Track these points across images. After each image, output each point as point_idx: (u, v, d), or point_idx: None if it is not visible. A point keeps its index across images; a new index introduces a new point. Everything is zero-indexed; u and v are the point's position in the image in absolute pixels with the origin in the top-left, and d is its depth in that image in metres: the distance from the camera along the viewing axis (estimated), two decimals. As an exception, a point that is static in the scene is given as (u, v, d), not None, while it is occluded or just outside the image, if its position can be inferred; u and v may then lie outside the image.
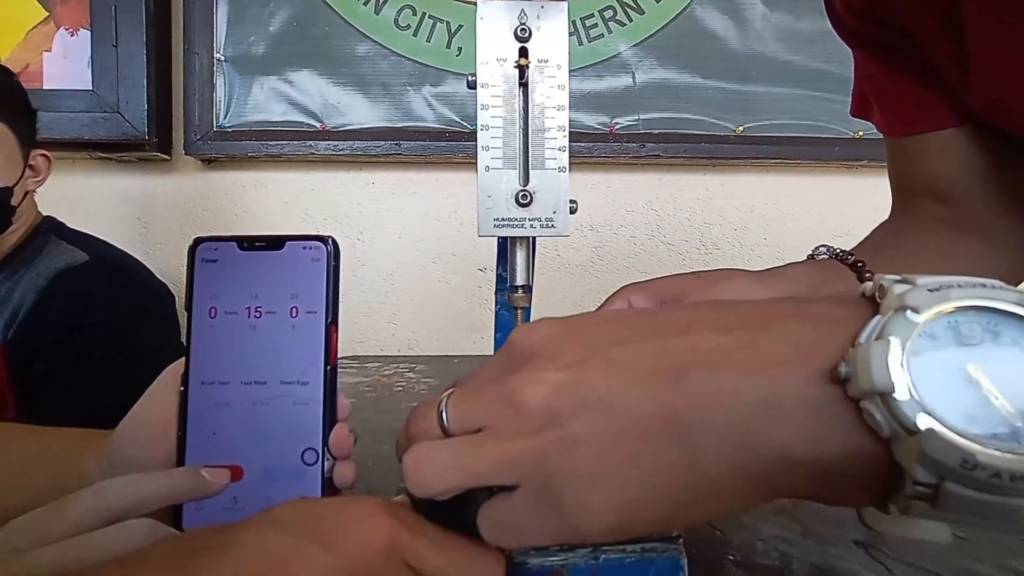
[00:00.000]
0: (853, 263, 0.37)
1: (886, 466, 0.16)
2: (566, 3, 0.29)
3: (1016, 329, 0.16)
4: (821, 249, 0.40)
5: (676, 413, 0.17)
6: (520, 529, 0.19)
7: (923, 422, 0.15)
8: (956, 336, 0.16)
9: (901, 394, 0.15)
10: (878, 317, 0.16)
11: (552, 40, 0.29)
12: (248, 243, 0.29)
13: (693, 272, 0.35)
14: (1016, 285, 0.47)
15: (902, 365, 0.15)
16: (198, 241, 0.29)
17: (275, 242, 0.29)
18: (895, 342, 0.15)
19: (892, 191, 0.48)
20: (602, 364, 0.18)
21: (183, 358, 0.29)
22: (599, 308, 0.35)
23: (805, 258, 0.40)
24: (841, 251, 0.39)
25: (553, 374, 0.19)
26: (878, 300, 0.17)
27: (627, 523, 0.18)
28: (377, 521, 0.20)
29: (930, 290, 0.16)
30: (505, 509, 0.19)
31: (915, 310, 0.16)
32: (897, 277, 0.17)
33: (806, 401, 0.16)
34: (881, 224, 0.46)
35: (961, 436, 0.14)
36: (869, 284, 0.18)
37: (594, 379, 0.18)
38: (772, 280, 0.34)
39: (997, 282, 0.16)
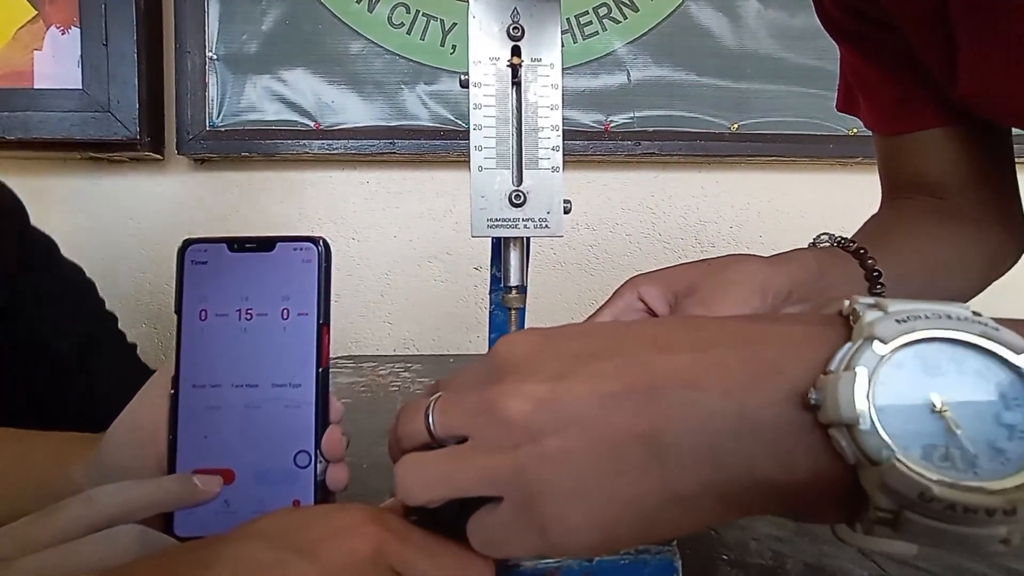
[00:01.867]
0: (856, 250, 0.38)
1: (852, 489, 0.16)
2: (559, 2, 0.29)
3: (979, 360, 0.16)
4: (823, 237, 0.41)
5: (651, 430, 0.17)
6: (504, 542, 0.19)
7: (884, 455, 0.15)
8: (922, 365, 0.16)
9: (865, 425, 0.16)
10: (848, 344, 0.17)
11: (545, 39, 0.29)
12: (238, 244, 0.29)
13: (703, 260, 0.35)
14: (1004, 268, 0.48)
15: (868, 397, 0.16)
16: (187, 243, 0.29)
17: (265, 243, 0.29)
18: (862, 373, 0.16)
19: (881, 184, 0.49)
20: (580, 379, 0.19)
21: (173, 361, 0.29)
22: (609, 300, 0.36)
23: (807, 246, 0.40)
24: (842, 238, 0.40)
25: (532, 387, 0.19)
26: (851, 323, 0.18)
27: (606, 540, 0.18)
28: (363, 530, 0.20)
29: (898, 320, 0.17)
30: (490, 522, 0.19)
31: (882, 340, 0.16)
32: (870, 301, 0.18)
33: (777, 423, 0.17)
34: (873, 216, 0.47)
35: (920, 470, 0.15)
36: (846, 303, 0.18)
37: (571, 394, 0.18)
38: (781, 264, 0.34)
39: (964, 311, 0.17)
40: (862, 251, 0.38)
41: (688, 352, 0.18)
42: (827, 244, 0.40)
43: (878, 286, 0.38)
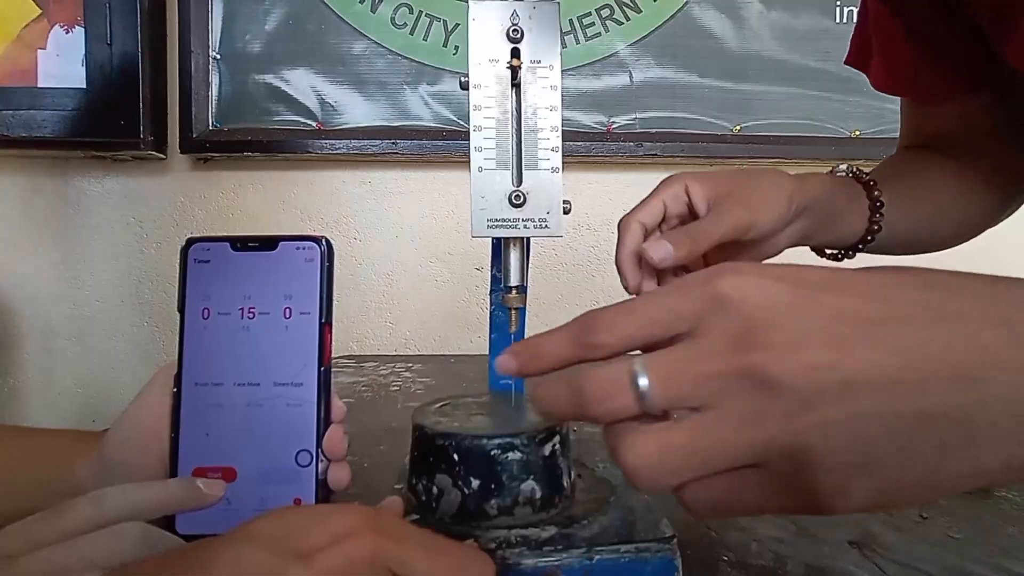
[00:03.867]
0: (867, 182, 0.43)
1: None
2: (558, 4, 0.29)
3: None
4: (841, 167, 0.45)
5: (962, 410, 0.17)
6: (742, 505, 0.18)
7: None
8: None
9: None
10: None
11: (544, 41, 0.29)
12: (241, 243, 0.29)
13: (740, 168, 0.40)
14: (1002, 218, 0.49)
15: None
16: (191, 242, 0.29)
17: (268, 242, 0.29)
18: None
19: (900, 140, 0.53)
20: (864, 347, 0.17)
21: (176, 359, 0.29)
22: (658, 188, 0.39)
23: (829, 171, 0.45)
24: (858, 169, 0.44)
25: (808, 353, 0.17)
26: None
27: (882, 507, 0.18)
28: (360, 534, 0.20)
29: None
30: (727, 486, 0.18)
31: None
32: None
33: None
34: (888, 158, 0.51)
35: None
36: None
37: (858, 363, 0.17)
38: (804, 183, 0.39)
39: None
40: (872, 183, 0.43)
41: (989, 327, 0.17)
42: (843, 174, 0.44)
43: (878, 215, 0.42)
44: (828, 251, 0.46)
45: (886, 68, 0.49)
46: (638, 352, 0.19)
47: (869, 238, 0.43)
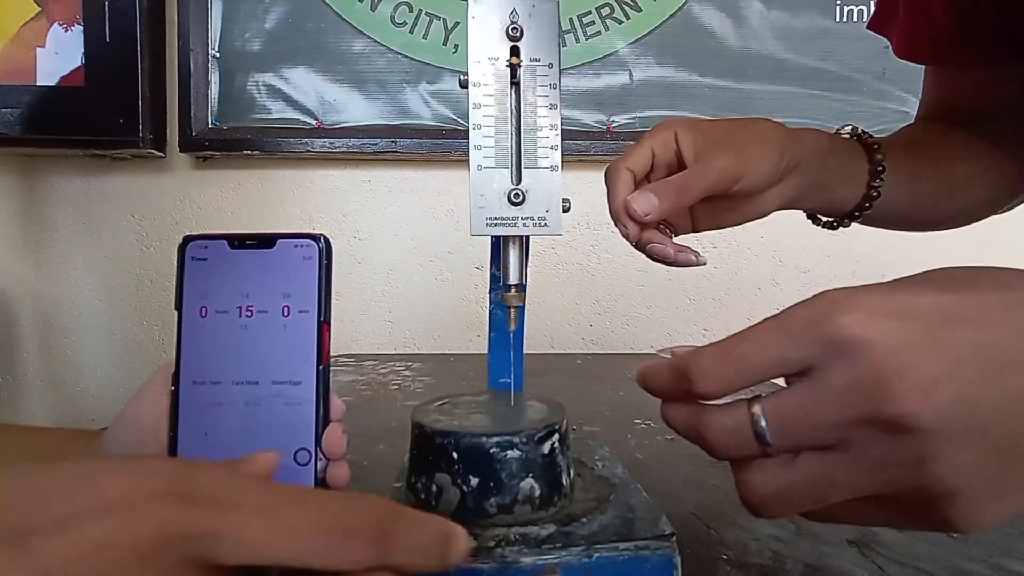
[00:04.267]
0: (870, 144, 0.40)
1: None
2: (557, 2, 0.29)
3: None
4: (846, 129, 0.42)
5: None
6: (868, 523, 0.19)
7: None
8: None
9: None
10: None
11: (543, 39, 0.29)
12: (239, 241, 0.29)
13: (731, 119, 0.38)
14: (1013, 201, 0.45)
15: None
16: (188, 239, 0.29)
17: (266, 240, 0.29)
18: None
19: (918, 111, 0.50)
20: (996, 384, 0.17)
21: (174, 357, 0.29)
22: (648, 135, 0.37)
23: (834, 131, 0.42)
24: (864, 131, 0.42)
25: (938, 396, 0.17)
26: None
27: (1000, 522, 0.18)
28: (134, 503, 0.14)
29: None
30: (853, 512, 0.19)
31: None
32: None
33: None
34: (904, 127, 0.48)
35: None
36: None
37: (990, 401, 0.17)
38: (797, 137, 0.37)
39: None
40: (876, 146, 0.40)
41: None
42: (847, 136, 0.42)
43: (878, 180, 0.39)
44: (823, 218, 0.43)
45: (914, 30, 0.45)
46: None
47: (867, 205, 0.40)
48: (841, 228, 0.43)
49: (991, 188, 0.45)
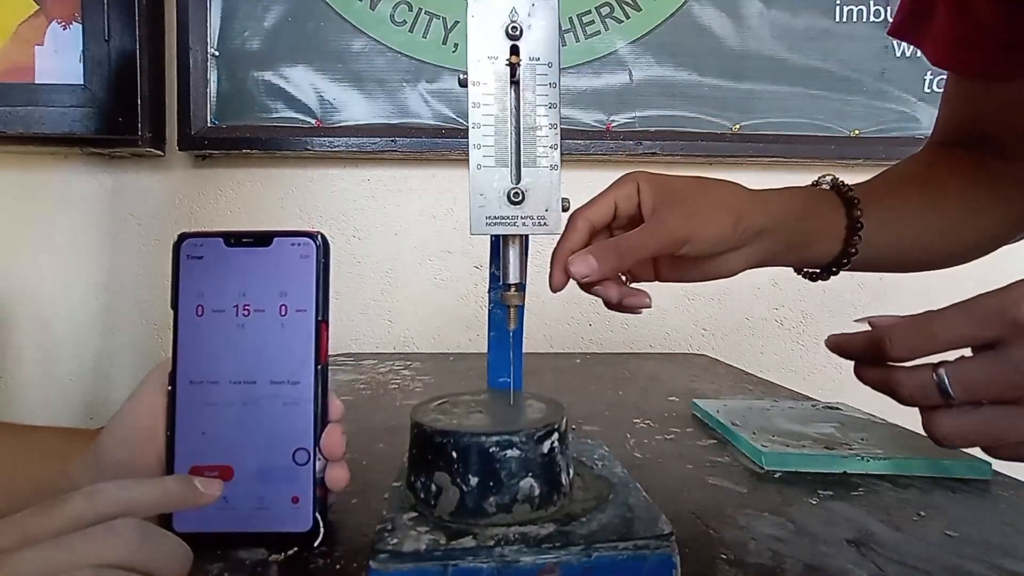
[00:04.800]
0: (849, 198, 0.39)
1: None
2: (557, 1, 0.29)
3: None
4: (827, 177, 0.42)
5: None
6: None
7: None
8: None
9: None
10: None
11: (543, 38, 0.29)
12: (235, 239, 0.29)
13: (697, 178, 0.37)
14: (1017, 237, 0.44)
15: None
16: (183, 237, 0.29)
17: (263, 238, 0.29)
18: None
19: (934, 130, 0.47)
20: None
21: (171, 356, 0.29)
22: (614, 185, 0.37)
23: (810, 184, 0.41)
24: (842, 183, 0.40)
25: None
26: None
27: None
28: None
29: None
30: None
31: None
32: None
33: None
34: (907, 158, 0.45)
35: None
36: None
37: None
38: (764, 201, 0.36)
39: None
40: (855, 201, 0.39)
41: None
42: (827, 187, 0.40)
43: (855, 237, 0.38)
44: (804, 270, 0.42)
45: (958, 34, 0.40)
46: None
47: (845, 261, 0.39)
48: (820, 279, 0.41)
49: (995, 223, 0.43)
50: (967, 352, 0.27)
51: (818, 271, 0.41)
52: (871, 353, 0.28)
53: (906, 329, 0.27)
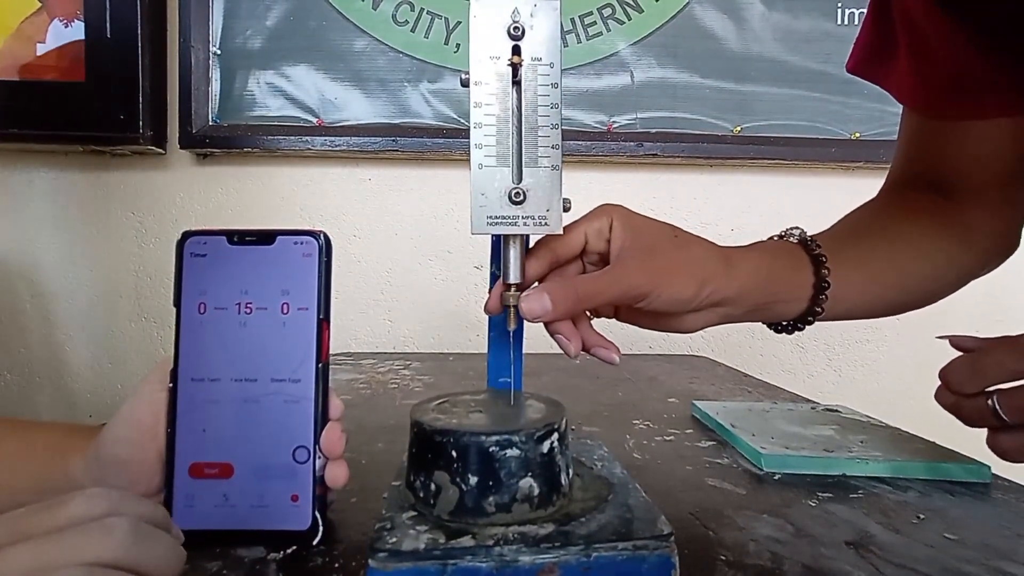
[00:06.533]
0: (815, 256, 0.38)
1: None
2: (559, 1, 0.29)
3: None
4: (795, 231, 0.40)
5: None
6: None
7: None
8: None
9: None
10: None
11: (545, 38, 0.29)
12: (238, 237, 0.29)
13: (675, 229, 0.36)
14: (981, 273, 0.46)
15: None
16: (186, 235, 0.29)
17: (265, 237, 0.29)
18: None
19: (892, 165, 0.47)
20: None
21: (172, 354, 0.29)
22: (587, 216, 0.35)
23: (776, 236, 0.40)
24: (811, 239, 0.39)
25: None
26: None
27: None
28: None
29: None
30: None
31: None
32: None
33: None
34: (864, 205, 0.45)
35: None
36: None
37: None
38: (732, 270, 0.35)
39: None
40: (822, 259, 0.37)
41: None
42: (795, 241, 0.39)
43: (822, 296, 0.37)
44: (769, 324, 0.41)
45: (919, 76, 0.41)
46: None
47: (810, 319, 0.38)
48: (786, 332, 0.40)
49: (959, 266, 0.43)
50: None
51: (780, 327, 0.40)
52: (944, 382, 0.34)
53: (960, 367, 0.33)
